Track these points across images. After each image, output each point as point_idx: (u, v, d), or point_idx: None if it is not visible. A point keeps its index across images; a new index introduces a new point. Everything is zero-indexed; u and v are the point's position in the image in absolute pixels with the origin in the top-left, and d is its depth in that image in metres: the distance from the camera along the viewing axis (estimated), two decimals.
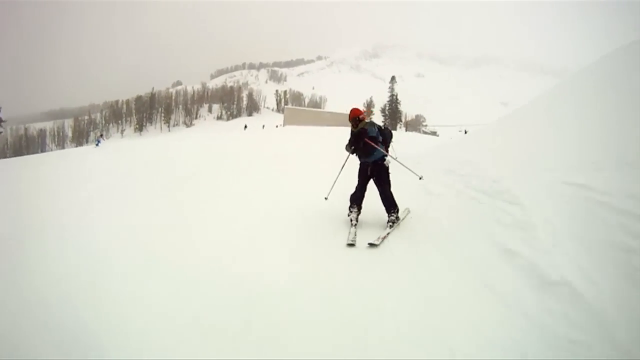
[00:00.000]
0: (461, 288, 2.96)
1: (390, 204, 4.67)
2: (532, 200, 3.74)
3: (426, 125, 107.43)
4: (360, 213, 4.81)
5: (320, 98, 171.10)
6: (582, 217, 3.13)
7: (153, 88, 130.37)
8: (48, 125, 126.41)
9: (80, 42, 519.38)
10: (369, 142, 4.72)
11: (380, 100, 70.91)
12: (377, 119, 65.17)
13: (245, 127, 58.04)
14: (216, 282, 3.37)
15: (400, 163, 5.19)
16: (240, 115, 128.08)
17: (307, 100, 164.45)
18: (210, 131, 55.31)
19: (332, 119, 47.14)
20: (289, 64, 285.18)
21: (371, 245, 4.05)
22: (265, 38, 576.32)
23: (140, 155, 13.95)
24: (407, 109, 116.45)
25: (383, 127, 8.86)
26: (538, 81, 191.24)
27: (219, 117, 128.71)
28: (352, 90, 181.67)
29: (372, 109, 69.33)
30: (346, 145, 5.04)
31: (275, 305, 2.99)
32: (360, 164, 4.98)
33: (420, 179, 5.02)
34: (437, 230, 4.16)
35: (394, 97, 62.12)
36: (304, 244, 4.22)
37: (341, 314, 2.84)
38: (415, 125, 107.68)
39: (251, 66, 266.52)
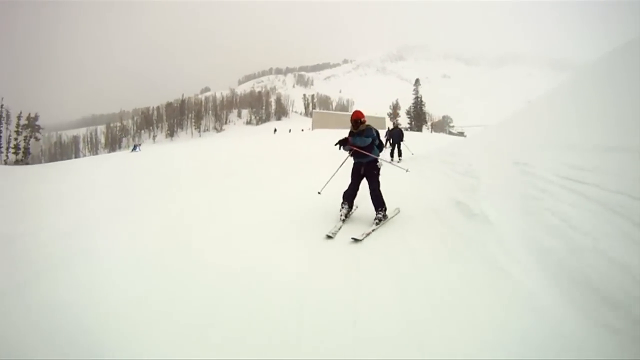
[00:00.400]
0: (424, 223, 4.84)
1: (378, 203, 4.98)
2: (486, 175, 5.66)
3: (453, 126, 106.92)
4: (350, 210, 5.20)
5: (347, 101, 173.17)
6: (510, 181, 5.04)
7: (183, 95, 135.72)
8: (81, 131, 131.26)
9: (110, 49, 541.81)
10: (359, 151, 5.03)
11: (407, 102, 71.87)
12: (403, 120, 66.55)
13: (275, 130, 60.47)
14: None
15: (390, 162, 6.87)
16: (269, 120, 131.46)
17: (334, 104, 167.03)
18: (241, 135, 57.76)
19: None
20: (315, 68, 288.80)
21: (355, 240, 4.31)
22: (291, 43, 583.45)
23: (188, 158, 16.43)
24: (434, 110, 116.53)
25: (393, 127, 10.89)
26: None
27: (249, 122, 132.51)
28: (379, 92, 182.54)
29: (398, 111, 70.44)
30: (336, 143, 5.35)
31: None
32: (354, 164, 5.29)
33: (406, 171, 5.89)
34: (420, 193, 6.16)
35: (419, 99, 63.33)
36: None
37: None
38: (442, 126, 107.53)
39: (278, 71, 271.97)
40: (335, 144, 5.32)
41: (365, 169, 5.12)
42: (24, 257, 4.48)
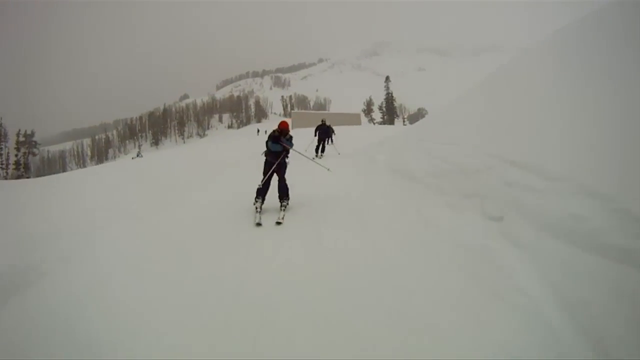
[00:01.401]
0: (318, 205, 7.86)
1: (285, 193, 6.25)
2: (383, 156, 8.84)
3: None
4: (263, 203, 6.12)
5: (325, 99, 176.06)
6: (423, 153, 8.17)
7: (165, 104, 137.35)
8: (65, 146, 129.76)
9: (80, 61, 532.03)
10: (285, 147, 6.33)
11: (382, 97, 75.22)
12: (376, 115, 70.03)
13: (258, 131, 62.60)
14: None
15: (313, 160, 8.80)
16: (249, 123, 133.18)
17: (312, 103, 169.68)
18: (225, 139, 59.75)
19: (336, 119, 51.72)
20: (292, 69, 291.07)
21: (278, 223, 5.52)
22: (266, 45, 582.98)
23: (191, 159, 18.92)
24: (411, 103, 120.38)
25: (321, 124, 13.17)
26: None
27: (230, 126, 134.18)
28: (355, 89, 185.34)
29: (372, 107, 73.83)
30: (268, 142, 6.30)
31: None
32: (267, 162, 6.36)
33: (328, 170, 7.62)
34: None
35: (390, 95, 66.94)
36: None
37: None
38: (417, 118, 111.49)
39: (255, 74, 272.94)
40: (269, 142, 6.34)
41: (278, 164, 6.28)
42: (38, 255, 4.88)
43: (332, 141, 14.18)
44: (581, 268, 3.00)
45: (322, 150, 13.68)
